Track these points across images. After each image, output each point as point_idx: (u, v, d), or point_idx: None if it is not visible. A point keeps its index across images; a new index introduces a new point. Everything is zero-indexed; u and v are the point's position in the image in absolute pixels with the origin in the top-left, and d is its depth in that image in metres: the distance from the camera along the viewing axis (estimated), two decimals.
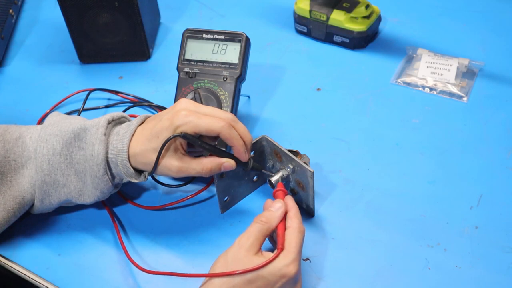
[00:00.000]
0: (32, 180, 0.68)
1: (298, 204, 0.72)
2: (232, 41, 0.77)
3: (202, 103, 0.75)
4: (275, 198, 0.67)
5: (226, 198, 0.73)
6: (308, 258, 0.68)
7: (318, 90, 0.92)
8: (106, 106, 0.92)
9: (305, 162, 0.68)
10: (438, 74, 0.91)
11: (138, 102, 0.91)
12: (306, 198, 0.71)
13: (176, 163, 0.65)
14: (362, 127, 0.85)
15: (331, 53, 0.99)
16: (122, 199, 0.76)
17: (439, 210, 0.72)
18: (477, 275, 0.65)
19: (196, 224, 0.73)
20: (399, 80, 0.92)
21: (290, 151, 0.70)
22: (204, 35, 0.79)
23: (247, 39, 0.77)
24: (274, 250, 0.60)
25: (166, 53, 1.02)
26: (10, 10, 1.10)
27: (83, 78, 0.98)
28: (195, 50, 0.79)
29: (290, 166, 0.70)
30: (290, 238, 0.61)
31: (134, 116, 0.86)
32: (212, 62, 0.78)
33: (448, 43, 0.98)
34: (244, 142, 0.66)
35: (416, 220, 0.72)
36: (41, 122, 0.87)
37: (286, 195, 0.67)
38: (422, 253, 0.68)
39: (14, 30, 1.11)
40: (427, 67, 0.92)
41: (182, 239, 0.72)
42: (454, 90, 0.89)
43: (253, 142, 0.69)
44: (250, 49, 0.78)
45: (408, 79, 0.92)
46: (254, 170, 0.70)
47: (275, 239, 0.62)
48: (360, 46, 0.99)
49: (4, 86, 0.98)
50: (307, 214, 0.73)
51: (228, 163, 0.66)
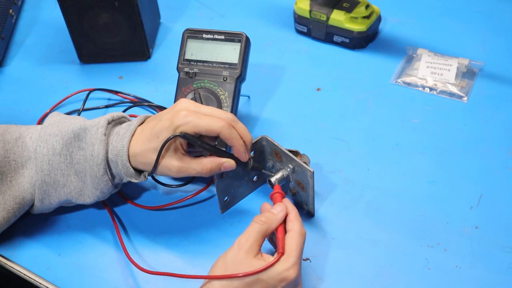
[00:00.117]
0: (32, 180, 0.68)
1: (298, 204, 0.72)
2: (232, 41, 0.77)
3: (202, 103, 0.75)
4: (273, 200, 0.67)
5: (226, 198, 0.73)
6: (308, 258, 0.68)
7: (318, 90, 0.92)
8: (106, 106, 0.92)
9: (305, 162, 0.68)
10: (438, 74, 0.91)
11: (138, 102, 0.91)
12: (306, 198, 0.71)
13: (176, 163, 0.65)
14: (362, 127, 0.85)
15: (331, 53, 0.99)
16: (122, 199, 0.76)
17: (439, 210, 0.72)
18: (477, 275, 0.65)
19: (196, 224, 0.73)
20: (399, 80, 0.92)
21: (290, 151, 0.70)
22: (204, 35, 0.79)
23: (247, 39, 0.77)
24: (274, 252, 0.59)
25: (166, 53, 1.02)
26: (10, 10, 1.10)
27: (83, 78, 0.98)
28: (195, 50, 0.79)
29: (290, 166, 0.70)
30: (291, 241, 0.60)
31: (134, 116, 0.86)
32: (212, 62, 0.78)
33: (448, 43, 0.98)
34: (244, 142, 0.65)
35: (416, 220, 0.72)
36: (41, 122, 0.87)
37: (284, 198, 0.66)
38: (422, 253, 0.68)
39: (14, 30, 1.11)
40: (427, 67, 0.92)
41: (182, 239, 0.72)
42: (454, 90, 0.89)
43: (253, 142, 0.69)
44: (250, 49, 0.78)
45: (408, 79, 0.92)
46: (254, 170, 0.70)
47: (275, 241, 0.62)
48: (360, 46, 0.99)
49: (4, 86, 0.98)
50: (307, 214, 0.73)
51: (228, 163, 0.66)
